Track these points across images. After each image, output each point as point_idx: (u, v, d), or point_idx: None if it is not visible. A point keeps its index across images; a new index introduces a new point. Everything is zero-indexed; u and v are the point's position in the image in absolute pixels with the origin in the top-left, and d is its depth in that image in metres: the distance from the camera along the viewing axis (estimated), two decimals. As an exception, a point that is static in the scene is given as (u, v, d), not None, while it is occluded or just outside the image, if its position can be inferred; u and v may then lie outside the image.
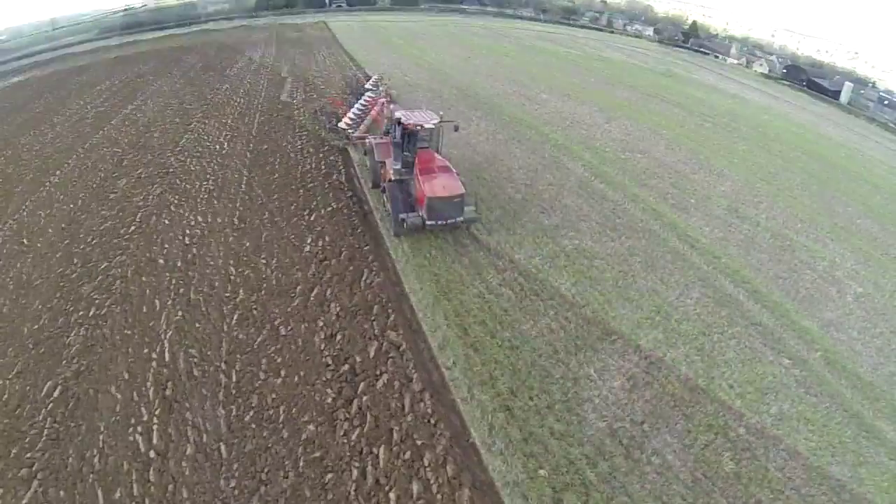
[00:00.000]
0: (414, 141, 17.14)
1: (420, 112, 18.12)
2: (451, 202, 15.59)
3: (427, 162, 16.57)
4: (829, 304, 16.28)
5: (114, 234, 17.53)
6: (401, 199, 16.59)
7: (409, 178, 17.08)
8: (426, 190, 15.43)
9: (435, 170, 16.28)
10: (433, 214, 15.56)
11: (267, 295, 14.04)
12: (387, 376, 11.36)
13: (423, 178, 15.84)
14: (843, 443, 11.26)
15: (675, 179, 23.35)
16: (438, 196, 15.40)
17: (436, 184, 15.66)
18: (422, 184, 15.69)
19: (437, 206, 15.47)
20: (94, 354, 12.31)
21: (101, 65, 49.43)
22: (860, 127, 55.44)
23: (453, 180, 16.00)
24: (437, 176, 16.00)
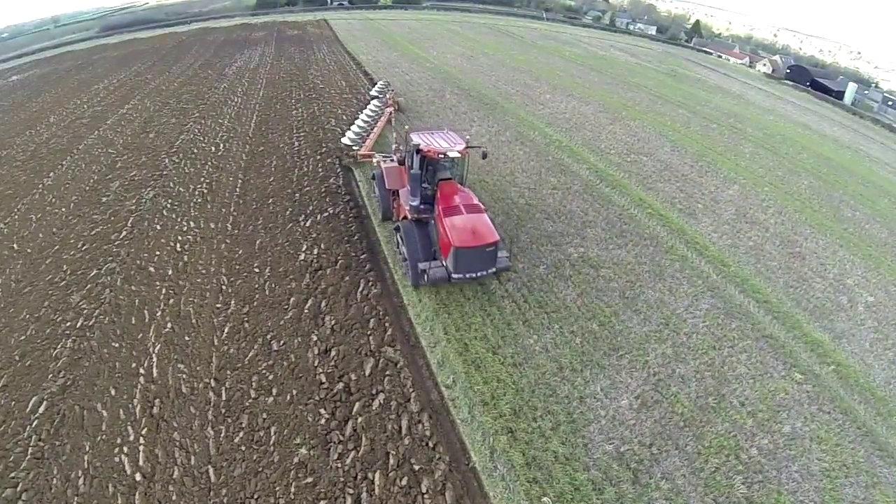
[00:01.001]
0: (434, 171, 14.29)
1: (441, 134, 15.17)
2: (483, 251, 12.71)
3: (451, 197, 13.65)
4: (841, 315, 15.76)
5: (104, 239, 17.09)
6: (419, 244, 13.74)
7: (429, 217, 14.21)
8: (452, 237, 12.46)
9: (461, 208, 13.20)
10: (461, 267, 12.69)
11: (259, 307, 13.55)
12: (383, 396, 10.84)
13: (448, 220, 12.87)
14: (857, 462, 10.80)
15: (682, 183, 22.80)
16: (468, 246, 12.47)
17: (464, 228, 12.65)
18: (447, 228, 12.71)
19: (465, 258, 12.60)
20: (80, 368, 11.86)
21: (101, 63, 49.23)
22: (864, 128, 54.81)
23: (484, 223, 12.95)
24: (465, 217, 12.94)
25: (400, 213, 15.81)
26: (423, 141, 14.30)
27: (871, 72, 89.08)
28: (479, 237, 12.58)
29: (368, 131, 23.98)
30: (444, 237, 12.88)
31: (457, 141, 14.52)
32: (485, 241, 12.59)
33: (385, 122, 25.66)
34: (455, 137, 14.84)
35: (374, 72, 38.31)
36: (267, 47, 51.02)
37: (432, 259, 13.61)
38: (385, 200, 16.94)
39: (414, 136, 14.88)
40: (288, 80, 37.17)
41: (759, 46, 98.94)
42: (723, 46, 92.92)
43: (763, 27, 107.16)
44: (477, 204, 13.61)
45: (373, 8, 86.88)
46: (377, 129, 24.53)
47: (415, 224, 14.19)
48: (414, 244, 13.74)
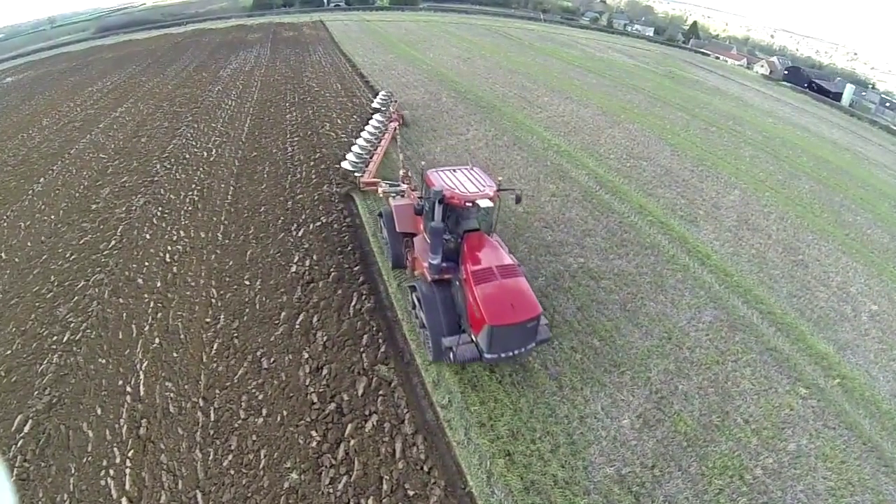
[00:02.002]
0: (458, 220, 11.90)
1: (465, 172, 12.48)
2: (523, 327, 10.31)
3: (480, 255, 11.18)
4: (845, 325, 15.46)
5: (93, 249, 16.67)
6: (442, 313, 11.25)
7: (452, 276, 11.64)
8: (486, 313, 10.01)
9: (494, 272, 10.69)
10: (496, 346, 10.26)
11: (249, 321, 13.11)
12: (376, 417, 10.42)
13: (480, 289, 10.39)
14: (863, 480, 10.53)
15: (682, 189, 22.49)
16: (505, 324, 10.05)
17: (499, 301, 10.23)
18: (478, 301, 10.23)
19: (501, 336, 10.16)
20: (66, 385, 11.44)
21: (95, 65, 48.94)
22: (863, 129, 54.79)
23: (524, 292, 10.57)
24: (500, 285, 10.49)
25: (415, 266, 13.41)
26: (446, 183, 11.62)
27: (867, 73, 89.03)
28: (519, 311, 10.17)
29: (371, 152, 21.55)
30: (475, 310, 10.38)
31: (486, 182, 11.93)
32: (525, 317, 10.18)
33: (389, 139, 23.47)
34: (483, 177, 12.24)
35: (370, 74, 38.00)
36: (262, 49, 50.67)
37: (457, 331, 11.19)
38: (395, 246, 14.36)
39: (432, 174, 12.26)
40: (283, 83, 36.80)
41: (756, 47, 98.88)
42: (720, 48, 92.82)
43: (760, 28, 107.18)
44: (512, 265, 11.16)
45: (369, 9, 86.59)
46: (381, 150, 22.19)
47: (435, 287, 11.58)
48: (435, 313, 11.25)
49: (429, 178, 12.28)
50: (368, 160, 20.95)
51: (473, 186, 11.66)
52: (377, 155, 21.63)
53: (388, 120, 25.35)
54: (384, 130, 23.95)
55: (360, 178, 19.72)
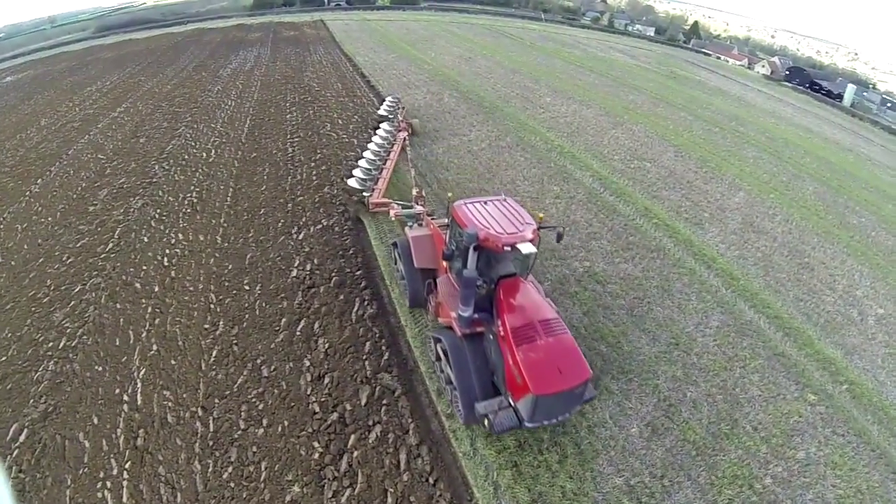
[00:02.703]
0: (492, 263, 10.10)
1: (498, 205, 10.62)
2: (570, 393, 8.93)
3: (518, 307, 9.55)
4: (852, 329, 15.28)
5: (90, 252, 16.43)
6: (474, 373, 9.77)
7: (485, 329, 10.04)
8: (530, 381, 8.50)
9: (537, 329, 9.13)
10: (539, 414, 8.91)
11: (249, 328, 12.85)
12: (380, 427, 10.18)
13: (522, 352, 8.80)
14: (871, 488, 10.39)
15: (687, 191, 22.26)
16: (553, 392, 8.60)
17: (545, 366, 8.70)
18: (520, 366, 8.68)
19: (547, 404, 8.80)
20: (62, 393, 11.20)
21: (95, 64, 48.70)
22: (865, 130, 54.61)
23: (571, 352, 9.06)
24: (545, 345, 8.95)
25: (440, 312, 11.60)
26: (477, 219, 9.89)
27: (868, 73, 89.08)
28: (567, 377, 8.71)
29: (380, 167, 19.69)
30: (516, 375, 8.87)
31: (524, 218, 10.07)
32: (574, 383, 8.76)
33: (399, 151, 21.88)
34: (520, 212, 10.35)
35: (371, 74, 37.76)
36: (263, 48, 50.42)
37: (491, 391, 9.76)
38: (413, 283, 12.67)
39: (461, 209, 10.39)
40: (283, 83, 36.55)
41: (757, 48, 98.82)
42: (721, 48, 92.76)
43: (760, 28, 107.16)
44: (556, 318, 9.55)
45: (370, 8, 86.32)
46: (390, 164, 20.31)
47: (466, 341, 9.99)
48: (466, 373, 9.75)
49: (457, 213, 10.31)
50: (377, 177, 19.03)
51: (510, 224, 9.75)
52: (386, 170, 19.75)
53: (396, 129, 23.52)
54: (392, 142, 22.17)
55: (368, 199, 17.65)
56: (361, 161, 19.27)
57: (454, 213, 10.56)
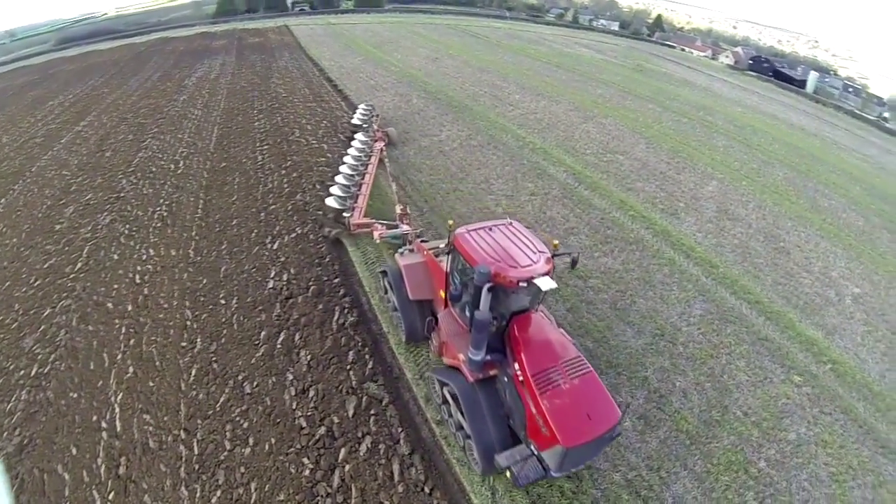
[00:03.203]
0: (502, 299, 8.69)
1: (504, 232, 9.31)
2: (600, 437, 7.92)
3: (535, 346, 8.55)
4: (830, 310, 15.59)
5: (59, 273, 15.78)
6: (490, 421, 8.84)
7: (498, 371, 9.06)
8: (560, 433, 7.55)
9: (559, 370, 8.18)
10: (568, 463, 8.05)
11: (228, 343, 12.40)
12: (370, 439, 9.89)
13: (547, 399, 7.84)
14: (862, 463, 10.66)
15: (661, 182, 22.38)
16: (584, 442, 7.67)
17: (573, 412, 7.79)
18: (546, 416, 7.72)
19: (576, 453, 7.83)
20: (37, 424, 10.70)
21: (56, 77, 47.30)
22: (828, 115, 55.89)
23: (599, 394, 8.18)
24: (570, 389, 8.01)
25: (444, 351, 10.40)
26: (484, 249, 8.71)
27: (828, 59, 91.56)
28: (598, 422, 7.80)
29: (359, 183, 18.16)
30: (541, 426, 7.93)
31: (536, 246, 8.89)
32: (606, 428, 7.86)
33: (377, 163, 20.60)
34: (531, 239, 9.13)
35: (339, 78, 37.26)
36: (228, 56, 49.47)
37: (510, 439, 8.84)
38: (409, 316, 11.50)
39: (465, 238, 9.13)
40: (250, 90, 35.82)
41: (720, 39, 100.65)
42: (685, 40, 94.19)
43: (722, 20, 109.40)
44: (579, 356, 8.55)
45: (334, 12, 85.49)
46: (369, 179, 18.80)
47: (479, 388, 9.02)
48: (481, 422, 8.83)
49: (462, 245, 9.06)
50: (357, 193, 17.52)
51: (522, 255, 8.60)
52: (366, 186, 18.24)
53: (372, 140, 22.23)
54: (369, 153, 20.82)
55: (349, 219, 16.08)
56: (338, 177, 17.84)
57: (458, 245, 9.17)
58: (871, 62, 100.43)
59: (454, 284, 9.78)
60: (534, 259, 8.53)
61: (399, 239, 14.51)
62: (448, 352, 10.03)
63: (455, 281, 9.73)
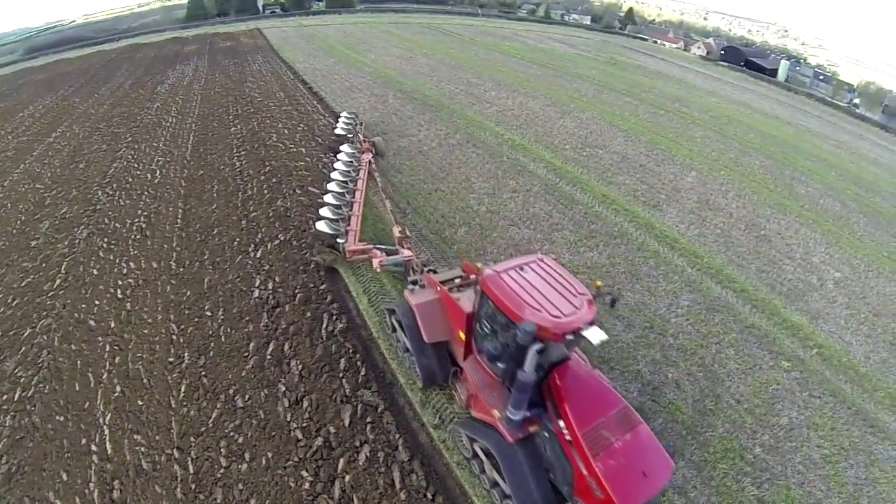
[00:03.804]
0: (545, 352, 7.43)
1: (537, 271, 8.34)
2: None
3: (579, 399, 7.69)
4: (814, 295, 15.89)
5: (37, 291, 15.37)
6: (532, 481, 8.06)
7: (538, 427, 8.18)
8: (616, 496, 6.92)
9: (608, 425, 7.46)
10: None
11: (216, 356, 12.15)
12: (368, 447, 9.76)
13: (600, 461, 7.15)
14: (853, 443, 10.96)
15: (641, 174, 22.51)
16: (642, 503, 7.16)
17: (627, 472, 7.19)
18: (601, 479, 7.03)
19: None
20: (24, 450, 10.39)
21: (25, 88, 46.32)
22: (800, 103, 56.96)
23: (651, 447, 7.65)
24: (621, 444, 7.34)
25: (472, 404, 9.49)
26: (518, 293, 7.73)
27: (798, 48, 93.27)
28: (653, 480, 7.32)
29: (350, 202, 16.72)
30: (595, 488, 7.21)
31: (575, 289, 7.95)
32: (662, 483, 7.49)
33: (366, 178, 19.16)
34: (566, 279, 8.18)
35: (313, 80, 36.87)
36: (200, 61, 48.78)
37: (552, 497, 8.15)
38: (424, 359, 10.39)
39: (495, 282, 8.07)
40: (224, 95, 35.31)
41: (691, 30, 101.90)
42: (657, 32, 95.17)
43: (692, 11, 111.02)
44: (626, 407, 7.82)
45: (306, 14, 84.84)
46: (360, 196, 17.40)
47: (519, 447, 8.18)
48: (523, 483, 8.05)
49: (493, 291, 7.99)
50: (349, 214, 16.11)
51: (562, 300, 7.67)
52: (357, 205, 16.84)
53: (359, 152, 20.82)
54: (358, 167, 19.33)
55: (344, 246, 14.71)
56: (327, 196, 16.38)
57: (488, 290, 8.13)
58: (840, 49, 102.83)
59: (482, 332, 8.80)
60: (576, 304, 7.58)
61: (401, 266, 13.58)
62: (478, 406, 9.12)
63: (483, 329, 8.72)
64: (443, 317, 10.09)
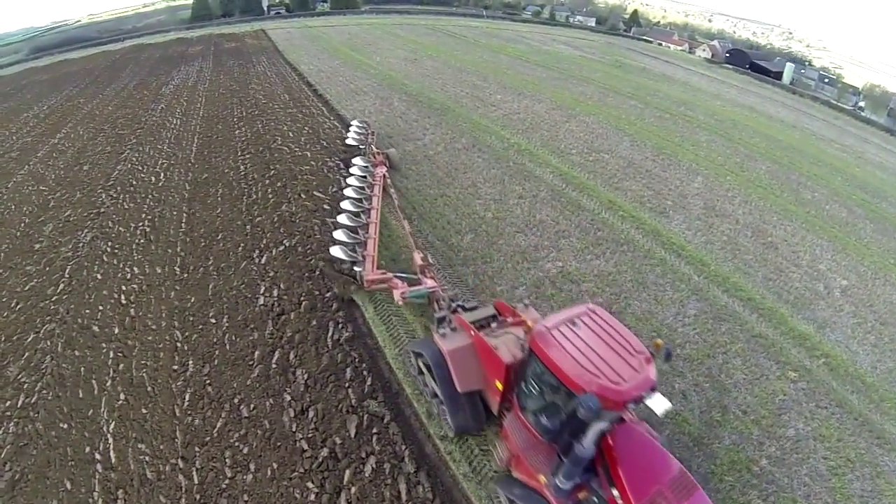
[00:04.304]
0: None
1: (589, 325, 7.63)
2: None
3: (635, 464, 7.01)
4: (820, 303, 15.74)
5: (41, 295, 15.36)
6: None
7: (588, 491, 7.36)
8: None
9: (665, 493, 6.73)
10: None
11: (221, 365, 12.08)
12: (374, 458, 9.67)
13: None
14: (859, 455, 10.82)
15: (648, 180, 22.41)
16: None
17: None
18: None
19: None
20: (28, 457, 10.34)
21: (30, 88, 46.53)
22: (805, 106, 56.67)
23: None
24: None
25: (516, 465, 8.57)
26: (577, 360, 6.97)
27: (802, 50, 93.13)
28: None
29: (365, 224, 15.51)
30: None
31: (632, 347, 7.35)
32: None
33: (381, 195, 17.88)
34: (621, 334, 7.56)
35: (318, 82, 36.85)
36: (204, 62, 48.85)
37: None
38: (457, 409, 9.63)
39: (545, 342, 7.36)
40: (228, 97, 35.31)
41: (696, 32, 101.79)
42: (662, 34, 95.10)
43: (697, 13, 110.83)
44: (682, 471, 7.08)
45: (311, 15, 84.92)
46: (376, 216, 16.26)
47: None
48: None
49: (546, 352, 7.27)
50: (365, 238, 14.86)
51: (620, 360, 7.05)
52: (373, 225, 15.69)
53: (372, 165, 19.60)
54: (372, 183, 18.13)
55: (361, 274, 13.57)
56: (340, 217, 15.30)
57: (540, 352, 7.42)
58: (844, 51, 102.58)
59: (529, 392, 8.10)
60: (636, 366, 6.95)
61: (424, 298, 12.37)
62: (522, 468, 8.37)
63: (531, 389, 8.02)
64: (477, 364, 9.33)
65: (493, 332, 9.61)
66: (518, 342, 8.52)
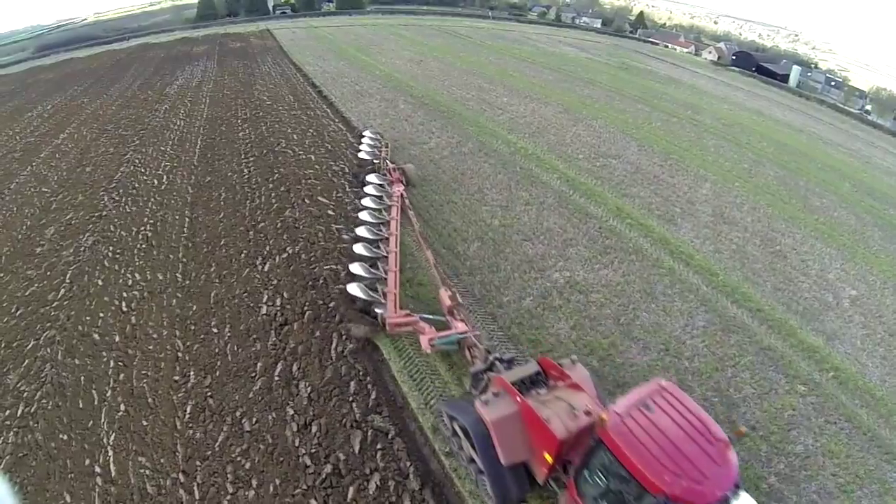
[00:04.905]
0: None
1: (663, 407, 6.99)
2: None
3: None
4: (830, 314, 15.55)
5: (41, 301, 15.21)
6: None
7: None
8: None
9: None
10: None
11: (223, 376, 11.87)
12: (378, 475, 9.46)
13: None
14: (868, 472, 10.62)
15: (655, 186, 22.20)
16: None
17: None
18: None
19: None
20: (27, 468, 10.20)
21: (35, 87, 46.62)
22: (812, 109, 56.49)
23: None
24: None
25: None
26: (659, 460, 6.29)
27: (808, 53, 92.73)
28: None
29: (384, 257, 14.21)
30: None
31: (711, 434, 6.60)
32: None
33: (400, 217, 16.44)
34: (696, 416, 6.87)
35: (323, 84, 36.75)
36: (209, 62, 48.81)
37: None
38: (501, 480, 8.58)
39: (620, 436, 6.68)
40: (232, 98, 35.22)
41: (702, 34, 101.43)
42: (668, 36, 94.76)
43: (703, 15, 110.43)
44: None
45: (316, 15, 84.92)
46: (396, 245, 14.87)
47: None
48: None
49: (619, 447, 6.63)
50: (386, 272, 13.62)
51: (702, 454, 6.39)
52: (394, 255, 14.31)
53: (388, 183, 18.48)
54: (389, 205, 16.85)
55: (383, 316, 12.17)
56: (357, 246, 14.10)
57: (614, 447, 6.72)
58: (850, 54, 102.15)
59: (593, 482, 7.38)
60: (715, 458, 6.34)
61: (455, 344, 11.27)
62: None
63: (595, 479, 7.33)
64: (523, 433, 8.44)
65: (542, 397, 8.79)
66: (571, 411, 7.97)
